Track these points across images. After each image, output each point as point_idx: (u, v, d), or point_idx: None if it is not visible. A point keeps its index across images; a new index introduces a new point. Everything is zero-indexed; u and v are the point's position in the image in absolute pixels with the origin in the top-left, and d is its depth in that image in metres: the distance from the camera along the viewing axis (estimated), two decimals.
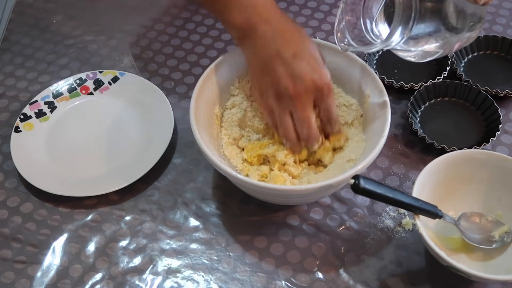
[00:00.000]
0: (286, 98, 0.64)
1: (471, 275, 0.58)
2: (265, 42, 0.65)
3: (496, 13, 0.95)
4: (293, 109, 0.65)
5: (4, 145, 0.80)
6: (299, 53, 0.64)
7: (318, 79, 0.64)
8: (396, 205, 0.63)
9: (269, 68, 0.64)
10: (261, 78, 0.66)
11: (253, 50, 0.66)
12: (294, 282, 0.65)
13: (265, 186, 0.62)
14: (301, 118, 0.65)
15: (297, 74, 0.63)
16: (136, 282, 0.66)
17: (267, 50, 0.65)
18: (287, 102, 0.64)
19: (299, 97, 0.64)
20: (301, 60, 0.64)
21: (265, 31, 0.65)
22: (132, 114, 0.82)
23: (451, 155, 0.66)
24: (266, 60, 0.65)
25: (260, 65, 0.66)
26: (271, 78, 0.64)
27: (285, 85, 0.63)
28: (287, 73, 0.63)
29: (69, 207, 0.73)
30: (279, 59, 0.64)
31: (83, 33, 0.96)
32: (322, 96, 0.65)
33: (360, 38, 0.66)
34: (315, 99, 0.65)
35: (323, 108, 0.66)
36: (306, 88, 0.63)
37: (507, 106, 0.81)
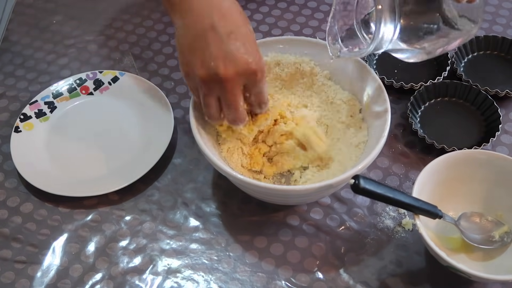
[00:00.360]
0: (215, 81, 0.59)
1: (471, 275, 0.58)
2: (199, 13, 0.59)
3: (496, 13, 0.95)
4: (221, 92, 0.61)
5: (4, 145, 0.80)
6: (235, 32, 0.59)
7: (252, 63, 0.59)
8: (396, 205, 0.63)
9: (201, 43, 0.59)
10: (190, 54, 0.60)
11: (186, 21, 0.61)
12: (294, 282, 0.65)
13: (265, 186, 0.62)
14: (229, 102, 0.61)
15: (231, 56, 0.58)
16: (136, 282, 0.66)
17: (200, 22, 0.59)
18: (215, 86, 0.60)
19: (229, 81, 0.59)
20: (236, 40, 0.59)
21: (202, 4, 0.60)
22: (132, 114, 0.82)
23: (451, 155, 0.66)
24: (198, 34, 0.59)
25: (191, 39, 0.60)
26: (201, 55, 0.59)
27: (216, 67, 0.58)
28: (219, 53, 0.58)
29: (69, 207, 0.73)
30: (213, 35, 0.58)
31: (83, 33, 0.96)
32: (255, 81, 0.61)
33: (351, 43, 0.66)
34: (246, 83, 0.61)
35: (255, 92, 0.63)
36: (238, 72, 0.59)
37: (507, 106, 0.81)
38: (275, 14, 0.97)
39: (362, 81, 0.72)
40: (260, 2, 0.99)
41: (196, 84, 0.62)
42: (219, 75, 0.59)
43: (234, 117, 0.63)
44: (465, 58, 0.86)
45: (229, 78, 0.59)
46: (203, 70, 0.59)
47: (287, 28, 0.95)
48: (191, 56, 0.60)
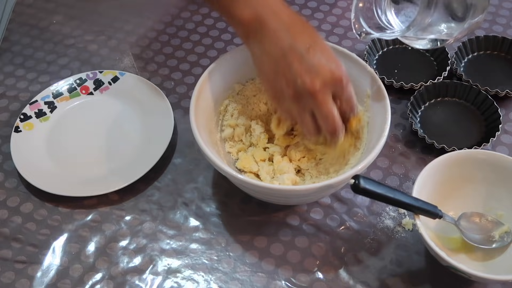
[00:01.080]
0: (305, 97, 0.61)
1: (471, 275, 0.58)
2: (276, 36, 0.61)
3: (496, 13, 0.95)
4: (313, 106, 0.61)
5: (4, 145, 0.80)
6: (313, 46, 0.61)
7: (335, 70, 0.61)
8: (396, 205, 0.63)
9: (283, 66, 0.61)
10: (275, 78, 0.62)
11: (263, 46, 0.62)
12: (294, 282, 0.65)
13: (265, 186, 0.62)
14: (324, 114, 0.62)
15: (314, 68, 0.60)
16: (136, 282, 0.66)
17: (279, 45, 0.61)
18: (306, 101, 0.61)
19: (319, 93, 0.60)
20: (315, 53, 0.60)
21: (275, 25, 0.61)
22: (132, 114, 0.82)
23: (451, 155, 0.66)
24: (278, 57, 0.61)
25: (273, 63, 0.62)
26: (286, 77, 0.61)
27: (303, 82, 0.60)
28: (303, 69, 0.60)
29: (69, 207, 0.73)
30: (293, 54, 0.60)
31: (83, 33, 0.96)
32: (342, 87, 0.62)
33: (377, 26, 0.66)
34: (334, 90, 0.62)
35: (345, 99, 0.63)
36: (325, 82, 0.60)
37: (507, 106, 0.81)
38: None
39: (362, 81, 0.72)
40: None
41: (288, 106, 0.63)
42: (307, 90, 0.60)
43: (333, 128, 0.63)
44: (465, 58, 0.86)
45: (318, 90, 0.60)
46: (291, 90, 0.61)
47: None
48: (276, 79, 0.62)
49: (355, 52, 0.73)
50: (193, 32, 0.94)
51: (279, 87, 0.62)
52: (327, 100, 0.61)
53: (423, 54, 0.87)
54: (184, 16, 0.97)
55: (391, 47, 0.88)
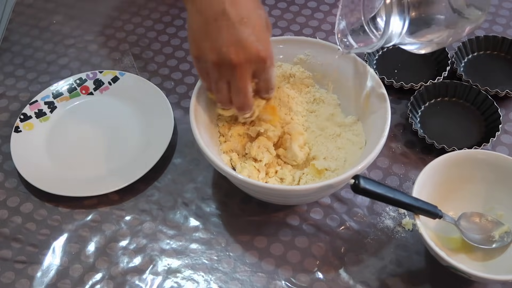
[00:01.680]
0: (226, 67, 0.60)
1: (471, 275, 0.58)
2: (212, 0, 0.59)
3: (496, 13, 0.95)
4: (231, 78, 0.61)
5: (4, 145, 0.80)
6: (247, 18, 0.59)
7: (262, 50, 0.60)
8: (396, 205, 0.63)
9: (212, 30, 0.59)
10: (202, 39, 0.61)
11: (197, 6, 0.61)
12: (294, 282, 0.65)
13: (265, 186, 0.62)
14: (238, 88, 0.62)
15: (242, 42, 0.58)
16: (136, 282, 0.66)
17: (212, 7, 0.59)
18: (226, 71, 0.61)
19: (240, 67, 0.60)
20: (247, 27, 0.59)
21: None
22: (132, 114, 0.82)
23: (451, 155, 0.66)
24: (209, 20, 0.59)
25: (202, 24, 0.60)
26: (212, 42, 0.59)
27: (227, 53, 0.59)
28: (231, 40, 0.58)
29: (69, 207, 0.73)
30: (225, 21, 0.58)
31: (83, 33, 0.96)
32: (264, 68, 0.61)
33: (361, 38, 0.66)
34: (255, 69, 0.61)
35: (263, 79, 0.63)
36: (249, 59, 0.59)
37: (507, 106, 0.81)
38: (275, 14, 0.97)
39: (362, 81, 0.72)
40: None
41: (207, 69, 0.62)
42: (231, 61, 0.59)
43: (242, 103, 0.64)
44: (465, 58, 0.86)
45: (240, 65, 0.60)
46: (215, 55, 0.60)
47: (287, 28, 0.95)
48: (203, 40, 0.61)
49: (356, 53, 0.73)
50: None
51: (204, 49, 0.61)
52: (245, 76, 0.61)
53: (423, 54, 0.87)
54: (184, 16, 0.97)
55: (391, 47, 0.88)
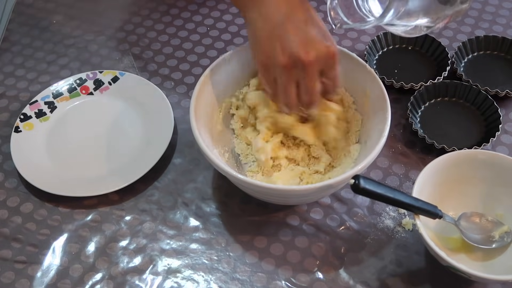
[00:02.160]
0: (297, 67, 0.61)
1: (471, 275, 0.58)
2: (276, 4, 0.62)
3: (496, 13, 0.95)
4: (301, 77, 0.63)
5: (4, 145, 0.80)
6: (311, 19, 0.62)
7: (331, 47, 0.62)
8: (396, 205, 0.63)
9: (280, 32, 0.61)
10: (269, 44, 0.62)
11: (262, 13, 0.63)
12: (294, 282, 0.65)
13: (265, 186, 0.62)
14: (308, 87, 0.63)
15: (311, 41, 0.61)
16: (136, 282, 0.66)
17: (277, 13, 0.61)
18: (296, 71, 0.62)
19: (311, 66, 0.61)
20: (313, 27, 0.61)
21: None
22: (132, 114, 0.82)
23: (451, 155, 0.66)
24: (276, 24, 0.61)
25: (269, 28, 0.62)
26: (281, 43, 0.61)
27: (298, 52, 0.60)
28: (300, 39, 0.60)
29: (69, 207, 0.73)
30: (291, 23, 0.61)
31: (83, 33, 0.96)
32: (332, 65, 0.63)
33: (354, 16, 0.66)
34: (324, 67, 0.63)
35: (331, 77, 0.64)
36: (318, 57, 0.61)
37: (507, 106, 0.81)
38: None
39: (362, 81, 0.72)
40: None
41: (275, 74, 0.64)
42: (302, 60, 0.61)
43: (311, 100, 0.65)
44: (465, 58, 0.86)
45: (311, 63, 0.61)
46: (285, 57, 0.61)
47: None
48: (270, 46, 0.62)
49: (355, 52, 0.73)
50: (193, 32, 0.95)
51: (272, 53, 0.62)
52: (315, 74, 0.63)
53: (423, 54, 0.87)
54: (184, 16, 0.97)
55: (391, 47, 0.88)
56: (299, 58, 0.61)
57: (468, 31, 0.92)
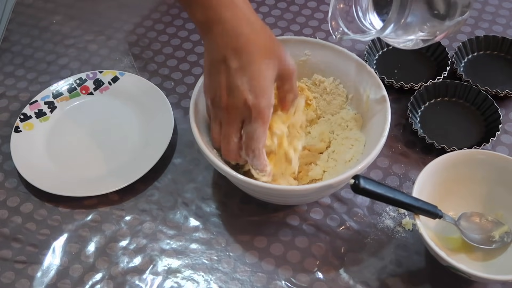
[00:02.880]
0: (218, 108, 0.62)
1: (471, 275, 0.58)
2: (218, 44, 0.61)
3: (496, 13, 0.95)
4: (222, 120, 0.63)
5: (4, 145, 0.80)
6: (245, 67, 0.60)
7: (251, 100, 0.60)
8: (396, 205, 0.63)
9: (214, 72, 0.62)
10: (206, 76, 0.64)
11: (208, 48, 0.63)
12: (294, 282, 0.65)
13: (265, 186, 0.62)
14: (224, 132, 0.63)
15: (234, 88, 0.60)
16: (136, 282, 0.66)
17: (217, 53, 0.61)
18: (218, 112, 0.63)
19: (228, 112, 0.61)
20: (243, 76, 0.60)
21: (219, 32, 0.61)
22: (132, 114, 0.82)
23: (451, 155, 0.66)
24: (213, 63, 0.62)
25: (209, 66, 0.63)
26: (212, 82, 0.62)
27: (220, 96, 0.61)
28: (225, 84, 0.61)
29: (69, 207, 0.73)
30: (224, 66, 0.61)
31: (83, 33, 0.96)
32: (250, 119, 0.61)
33: (355, 27, 0.66)
34: (243, 118, 0.62)
35: (246, 131, 0.62)
36: (236, 105, 0.60)
37: (507, 106, 0.81)
38: (275, 14, 0.97)
39: (361, 81, 0.72)
40: (260, 2, 0.99)
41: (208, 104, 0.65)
42: (221, 103, 0.61)
43: (226, 149, 0.64)
44: (465, 58, 0.86)
45: (228, 109, 0.61)
46: (211, 94, 0.63)
47: (287, 28, 0.95)
48: (206, 78, 0.64)
49: (355, 52, 0.73)
50: (193, 32, 0.95)
51: (208, 85, 0.64)
52: (232, 123, 0.62)
53: (423, 54, 0.87)
54: (184, 16, 0.97)
55: (391, 47, 0.88)
56: (220, 100, 0.61)
57: (468, 31, 0.92)
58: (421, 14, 0.61)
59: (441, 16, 0.62)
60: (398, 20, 0.59)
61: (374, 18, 0.66)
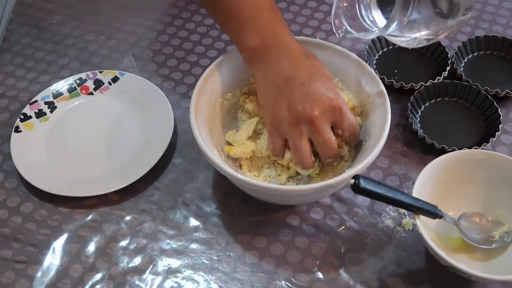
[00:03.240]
0: (304, 123, 0.62)
1: (471, 275, 0.58)
2: (280, 64, 0.64)
3: (496, 13, 0.95)
4: (312, 133, 0.63)
5: (4, 145, 0.80)
6: (314, 75, 0.63)
7: (334, 99, 0.63)
8: (396, 205, 0.63)
9: (284, 92, 0.63)
10: (275, 104, 0.64)
11: (267, 72, 0.65)
12: (294, 282, 0.65)
13: (265, 186, 0.62)
14: (322, 140, 0.63)
15: (313, 96, 0.62)
16: (136, 282, 0.66)
17: (282, 72, 0.63)
18: (304, 127, 0.63)
19: (317, 119, 0.62)
20: (316, 82, 0.63)
21: (280, 54, 0.64)
22: (132, 114, 0.82)
23: (451, 155, 0.66)
24: (281, 83, 0.63)
25: (274, 89, 0.64)
26: (286, 102, 0.63)
27: (303, 108, 0.62)
28: (303, 96, 0.62)
29: (69, 207, 0.73)
30: (295, 82, 0.62)
31: (83, 33, 0.96)
32: (341, 115, 0.64)
33: (358, 25, 0.66)
34: (334, 119, 0.64)
35: (344, 128, 0.65)
36: (324, 110, 0.62)
37: (507, 106, 0.81)
38: None
39: (362, 81, 0.72)
40: None
41: (285, 131, 0.64)
42: (307, 116, 0.62)
43: (331, 155, 0.65)
44: (465, 58, 0.86)
45: (317, 117, 0.62)
46: (291, 113, 0.63)
47: None
48: (276, 104, 0.64)
49: (355, 52, 0.73)
50: (193, 32, 0.95)
51: (279, 112, 0.64)
52: (325, 127, 0.63)
53: (423, 54, 0.87)
54: (184, 16, 0.97)
55: (391, 47, 0.88)
56: (304, 114, 0.62)
57: (468, 31, 0.92)
58: (424, 13, 0.61)
59: (444, 15, 0.62)
60: (401, 18, 0.59)
61: (378, 15, 0.66)
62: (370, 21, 0.66)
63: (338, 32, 0.66)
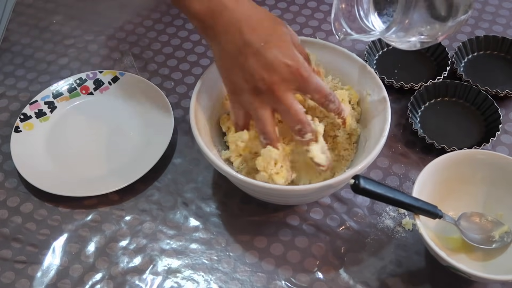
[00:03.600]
0: (264, 93, 0.59)
1: (471, 275, 0.58)
2: (230, 31, 0.59)
3: (496, 13, 0.95)
4: (273, 103, 0.60)
5: (4, 145, 0.80)
6: (268, 41, 0.59)
7: (292, 64, 0.58)
8: (396, 205, 0.63)
9: (239, 61, 0.59)
10: (232, 73, 0.61)
11: (218, 41, 0.61)
12: (294, 282, 0.65)
13: (265, 186, 0.62)
14: (285, 109, 0.59)
15: (270, 64, 0.58)
16: (136, 282, 0.66)
17: (233, 41, 0.59)
18: (266, 97, 0.59)
19: (277, 88, 0.58)
20: (271, 48, 0.58)
21: (228, 19, 0.59)
22: (132, 114, 0.82)
23: (451, 155, 0.66)
24: (234, 53, 0.59)
25: (229, 59, 0.60)
26: (243, 72, 0.59)
27: (260, 78, 0.58)
28: (259, 64, 0.58)
29: (69, 207, 0.73)
30: (248, 50, 0.58)
31: (83, 33, 0.96)
32: (304, 80, 0.59)
33: (357, 27, 0.66)
34: (296, 85, 0.59)
35: (312, 90, 0.60)
36: (283, 78, 0.58)
37: (507, 106, 0.81)
38: (275, 14, 0.97)
39: (362, 81, 0.72)
40: (260, 3, 0.99)
41: (245, 101, 0.61)
42: (266, 86, 0.58)
43: (297, 122, 0.60)
44: (465, 58, 0.86)
45: (276, 84, 0.58)
46: (249, 83, 0.59)
47: None
48: (233, 74, 0.60)
49: (355, 52, 0.73)
50: (193, 32, 0.95)
51: (237, 82, 0.60)
52: (287, 95, 0.59)
53: (423, 54, 0.87)
54: (184, 16, 0.97)
55: (391, 47, 0.88)
56: (264, 84, 0.58)
57: (468, 31, 0.92)
58: (424, 15, 0.61)
59: (443, 18, 0.62)
60: (402, 20, 0.59)
61: (375, 18, 0.67)
62: (370, 23, 0.66)
63: (338, 35, 0.66)
